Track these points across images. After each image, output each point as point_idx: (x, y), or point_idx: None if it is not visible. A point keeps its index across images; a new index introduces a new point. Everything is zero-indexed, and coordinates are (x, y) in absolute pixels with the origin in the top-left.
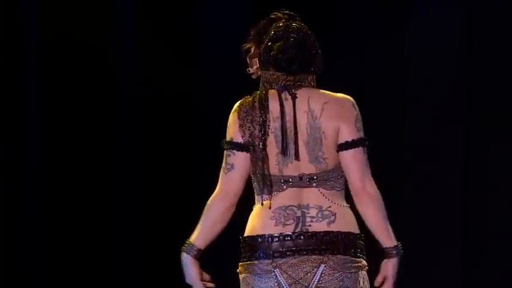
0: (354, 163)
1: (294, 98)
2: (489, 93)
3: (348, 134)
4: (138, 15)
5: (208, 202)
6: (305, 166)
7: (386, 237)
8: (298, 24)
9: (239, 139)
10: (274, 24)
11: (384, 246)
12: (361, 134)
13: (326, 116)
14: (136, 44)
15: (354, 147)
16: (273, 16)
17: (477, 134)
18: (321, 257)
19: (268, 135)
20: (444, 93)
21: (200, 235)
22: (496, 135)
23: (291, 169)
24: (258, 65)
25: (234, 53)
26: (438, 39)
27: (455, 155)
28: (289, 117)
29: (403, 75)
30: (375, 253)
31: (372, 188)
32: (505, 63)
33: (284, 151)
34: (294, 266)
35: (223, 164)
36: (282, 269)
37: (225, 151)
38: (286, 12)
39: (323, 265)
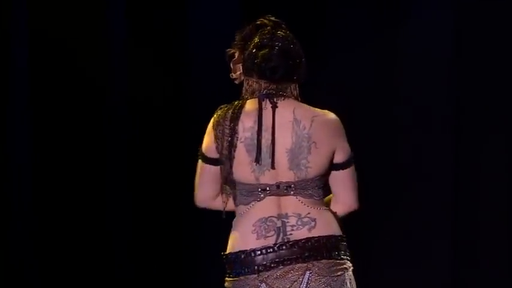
0: (349, 182)
1: (274, 107)
2: (480, 99)
3: (343, 153)
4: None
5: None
6: (283, 174)
7: None
8: (283, 32)
9: (212, 153)
10: (259, 30)
11: None
12: (352, 152)
13: (318, 129)
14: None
15: (349, 167)
16: (258, 22)
17: (467, 139)
18: (305, 265)
19: (236, 147)
20: (435, 97)
21: None
22: (486, 140)
23: (268, 177)
24: (241, 71)
25: (224, 56)
26: (429, 45)
27: (446, 158)
28: (266, 127)
29: (394, 79)
30: (359, 253)
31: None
32: (497, 70)
33: (257, 160)
34: (279, 277)
35: (199, 170)
36: (267, 283)
37: (199, 162)
38: (272, 19)
39: (308, 272)
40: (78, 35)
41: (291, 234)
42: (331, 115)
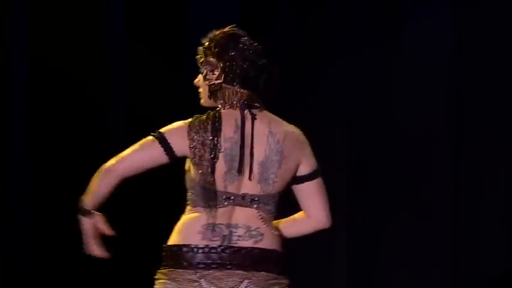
0: (319, 192)
1: (253, 119)
2: (481, 100)
3: (310, 165)
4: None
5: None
6: (251, 186)
7: None
8: (257, 45)
9: (177, 151)
10: (235, 40)
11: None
12: (318, 166)
13: (290, 144)
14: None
15: (318, 177)
16: (230, 32)
17: (468, 140)
18: (246, 273)
19: (218, 158)
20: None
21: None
22: (487, 141)
23: (235, 187)
24: (216, 78)
25: None
26: (430, 46)
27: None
28: (247, 139)
29: (394, 81)
30: (293, 272)
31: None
32: (498, 71)
33: (240, 171)
34: (218, 279)
35: (143, 143)
36: (207, 280)
37: (150, 138)
38: (240, 30)
39: (247, 281)
40: (77, 34)
41: (235, 243)
42: (298, 130)
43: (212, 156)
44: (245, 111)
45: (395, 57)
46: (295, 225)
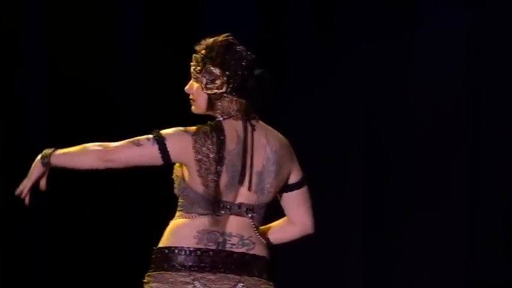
0: (307, 201)
1: (253, 130)
2: (497, 100)
3: (298, 173)
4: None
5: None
6: (247, 195)
7: None
8: (251, 54)
9: (175, 156)
10: (235, 49)
11: None
12: (303, 174)
13: (284, 153)
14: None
15: (305, 184)
16: (225, 42)
17: (484, 141)
18: (238, 277)
19: (222, 171)
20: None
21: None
22: (504, 142)
23: (233, 196)
24: (217, 87)
25: None
26: (445, 45)
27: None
28: (249, 150)
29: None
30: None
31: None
32: None
33: (241, 182)
34: (212, 281)
35: (140, 140)
36: (201, 282)
37: (150, 138)
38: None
39: (240, 284)
40: (93, 33)
41: (229, 249)
42: (284, 138)
43: (218, 169)
44: (247, 124)
45: (409, 55)
46: (280, 232)
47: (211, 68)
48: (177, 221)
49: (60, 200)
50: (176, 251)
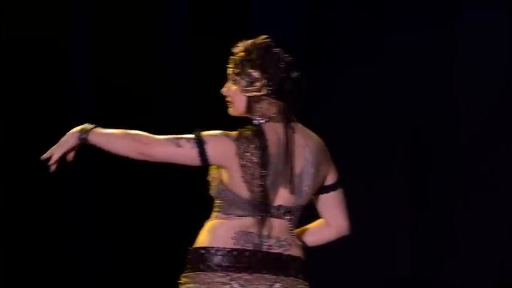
0: (342, 202)
1: (293, 132)
2: None
3: (334, 174)
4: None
5: (137, 133)
6: (286, 198)
7: None
8: (288, 56)
9: (215, 159)
10: (274, 51)
11: None
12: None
13: (321, 155)
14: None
15: (341, 186)
16: (263, 44)
17: None
18: (275, 277)
19: (267, 175)
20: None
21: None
22: None
23: (272, 198)
24: (252, 89)
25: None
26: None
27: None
28: (290, 152)
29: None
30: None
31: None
32: None
33: (283, 184)
34: (249, 281)
35: (180, 140)
36: (239, 283)
37: (191, 140)
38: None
39: (278, 284)
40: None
41: (266, 250)
42: (321, 140)
43: (263, 174)
44: (287, 127)
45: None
46: (316, 234)
47: (251, 70)
48: (214, 222)
49: (104, 197)
50: (213, 251)
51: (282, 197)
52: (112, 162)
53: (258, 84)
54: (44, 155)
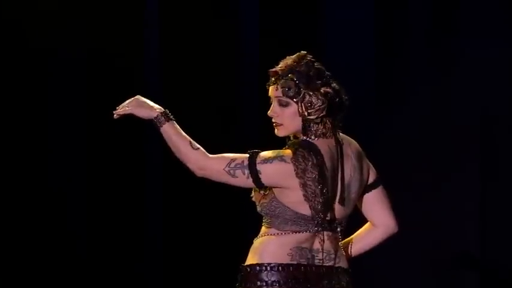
0: (385, 198)
1: (342, 145)
2: None
3: (373, 173)
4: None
5: (198, 148)
6: (338, 210)
7: None
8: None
9: (270, 180)
10: (322, 70)
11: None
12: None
13: (362, 159)
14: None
15: (381, 183)
16: (311, 58)
17: None
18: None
19: (328, 192)
20: None
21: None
22: None
23: (330, 213)
24: (310, 111)
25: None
26: None
27: None
28: (340, 166)
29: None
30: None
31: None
32: None
33: (341, 202)
34: None
35: (236, 162)
36: None
37: (247, 163)
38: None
39: None
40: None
41: (318, 263)
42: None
43: (324, 190)
44: (337, 138)
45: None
46: (363, 239)
47: (309, 92)
48: (267, 238)
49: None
50: (269, 267)
51: (333, 209)
52: (112, 162)
53: (317, 106)
54: (118, 108)
